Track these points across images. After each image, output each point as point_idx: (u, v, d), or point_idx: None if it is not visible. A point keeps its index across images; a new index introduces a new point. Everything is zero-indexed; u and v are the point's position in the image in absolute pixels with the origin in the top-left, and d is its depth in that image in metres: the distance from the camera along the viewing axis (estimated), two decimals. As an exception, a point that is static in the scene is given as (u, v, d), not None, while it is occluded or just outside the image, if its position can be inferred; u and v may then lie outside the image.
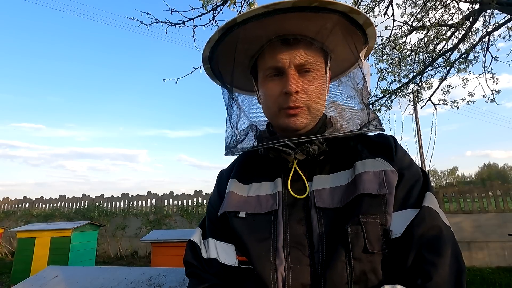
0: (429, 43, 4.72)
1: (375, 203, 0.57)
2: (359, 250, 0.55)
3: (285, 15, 0.58)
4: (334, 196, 0.61)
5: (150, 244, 5.02)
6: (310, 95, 0.63)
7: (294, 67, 0.63)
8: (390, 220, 0.58)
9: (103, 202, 10.31)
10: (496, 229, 6.99)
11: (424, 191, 0.61)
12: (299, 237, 0.59)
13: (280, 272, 0.57)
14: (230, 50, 0.68)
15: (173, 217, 9.22)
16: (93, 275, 1.22)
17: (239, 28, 0.62)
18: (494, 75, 4.24)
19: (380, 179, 0.59)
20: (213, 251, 0.68)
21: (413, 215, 0.57)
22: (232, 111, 0.75)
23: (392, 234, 0.57)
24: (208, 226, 0.73)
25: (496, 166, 68.76)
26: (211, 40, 0.66)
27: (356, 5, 3.89)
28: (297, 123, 0.63)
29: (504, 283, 5.26)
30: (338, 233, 0.57)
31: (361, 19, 0.62)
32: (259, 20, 0.60)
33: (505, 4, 3.48)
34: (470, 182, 52.36)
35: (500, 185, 7.61)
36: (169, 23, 2.86)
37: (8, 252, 9.12)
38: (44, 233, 5.43)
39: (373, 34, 0.66)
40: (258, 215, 0.64)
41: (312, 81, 0.64)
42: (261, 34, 0.64)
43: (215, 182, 0.80)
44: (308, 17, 0.60)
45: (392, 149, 0.65)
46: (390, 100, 5.13)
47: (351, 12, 0.60)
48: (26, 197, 11.18)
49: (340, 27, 0.63)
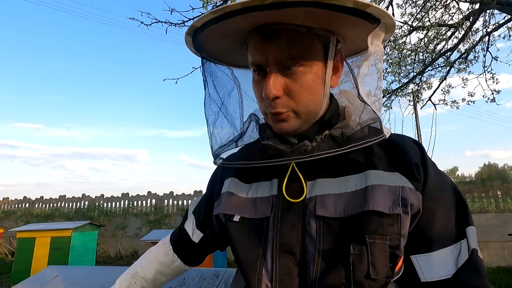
0: (429, 43, 4.72)
1: (386, 223, 0.50)
2: (361, 274, 0.48)
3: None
4: (338, 204, 0.53)
5: (150, 244, 5.02)
6: (295, 97, 0.55)
7: (274, 65, 0.54)
8: (404, 242, 0.52)
9: (103, 202, 10.31)
10: (496, 229, 6.98)
11: (465, 223, 0.54)
12: (290, 246, 0.53)
13: (265, 284, 0.53)
14: (213, 46, 0.63)
15: (173, 217, 9.21)
16: (93, 275, 1.22)
17: (205, 30, 0.56)
18: (494, 75, 4.25)
19: (396, 196, 0.52)
20: (190, 228, 0.79)
21: (457, 254, 0.52)
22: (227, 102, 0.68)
23: (430, 276, 0.53)
24: (197, 205, 0.81)
25: (496, 166, 68.74)
26: (187, 42, 0.62)
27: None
28: (283, 128, 0.57)
29: (504, 283, 5.26)
30: (338, 249, 0.51)
31: (348, 3, 0.48)
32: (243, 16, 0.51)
33: (505, 4, 3.48)
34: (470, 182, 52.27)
35: (500, 185, 7.60)
36: (169, 23, 2.87)
37: (8, 252, 9.12)
38: (44, 233, 5.43)
39: (377, 11, 0.51)
40: (252, 220, 0.59)
41: (298, 79, 0.54)
42: (239, 27, 0.55)
43: (213, 172, 0.79)
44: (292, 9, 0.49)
45: (414, 167, 0.55)
46: (390, 100, 5.13)
47: (327, 0, 0.47)
48: (26, 197, 11.18)
49: (325, 15, 0.51)
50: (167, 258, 0.80)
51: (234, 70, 0.73)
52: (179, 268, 0.81)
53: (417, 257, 0.55)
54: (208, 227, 0.76)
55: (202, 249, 0.80)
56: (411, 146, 0.59)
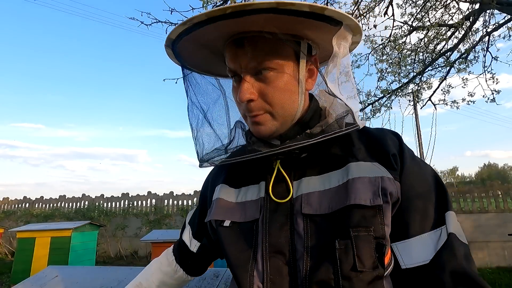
0: (429, 43, 4.72)
1: (368, 215, 0.52)
2: (347, 267, 0.49)
3: (218, 23, 0.52)
4: (323, 200, 0.55)
5: (150, 244, 5.03)
6: (270, 99, 0.57)
7: (247, 71, 0.57)
8: (388, 231, 0.53)
9: (103, 202, 10.31)
10: (496, 229, 6.99)
11: (443, 209, 0.55)
12: (280, 246, 0.55)
13: (256, 285, 0.54)
14: (193, 52, 0.64)
15: (173, 217, 9.21)
16: (93, 275, 1.22)
17: (182, 40, 0.58)
18: (494, 75, 4.25)
19: (376, 187, 0.53)
20: (187, 238, 0.80)
21: (436, 240, 0.53)
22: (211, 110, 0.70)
23: (410, 262, 0.53)
24: (192, 216, 0.82)
25: (496, 166, 68.76)
26: (168, 54, 0.64)
27: (356, 6, 3.89)
28: (261, 131, 0.58)
29: (504, 283, 5.26)
30: (325, 245, 0.52)
31: (304, 7, 0.50)
32: (197, 30, 0.54)
33: (505, 4, 3.49)
34: (470, 182, 52.33)
35: (500, 185, 7.61)
36: (169, 23, 2.87)
37: (8, 252, 9.12)
38: (44, 233, 5.43)
39: (336, 13, 0.53)
40: (243, 224, 0.60)
41: (271, 83, 0.56)
42: (213, 38, 0.59)
43: (204, 181, 0.80)
44: (255, 18, 0.51)
45: (391, 157, 0.57)
46: (390, 100, 5.13)
47: (283, 6, 0.49)
48: (26, 197, 11.19)
49: (288, 21, 0.53)
50: (170, 269, 0.80)
51: (219, 79, 0.75)
52: (181, 279, 0.81)
53: (397, 244, 0.55)
54: (204, 236, 0.78)
55: (201, 259, 0.80)
56: (389, 137, 0.61)
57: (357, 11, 3.93)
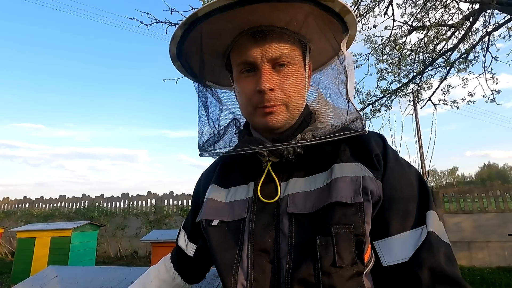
0: (429, 43, 4.72)
1: (349, 212, 0.53)
2: (327, 263, 0.50)
3: (251, 7, 0.53)
4: (307, 200, 0.56)
5: (150, 244, 5.02)
6: (287, 91, 0.59)
7: (267, 61, 0.58)
8: (368, 229, 0.54)
9: (103, 202, 10.31)
10: (496, 229, 6.98)
11: (424, 208, 0.56)
12: (264, 245, 0.56)
13: (240, 283, 0.55)
14: (199, 45, 0.63)
15: (173, 217, 9.21)
16: (93, 275, 1.22)
17: (203, 23, 0.56)
18: (494, 75, 4.25)
19: (357, 186, 0.54)
20: (181, 241, 0.81)
21: (416, 239, 0.53)
22: (206, 106, 0.71)
23: (390, 260, 0.54)
24: (186, 220, 0.84)
25: (496, 166, 68.77)
26: (175, 37, 0.60)
27: (356, 5, 3.89)
28: (274, 121, 0.59)
29: (504, 283, 5.26)
30: (308, 242, 0.53)
31: (337, 6, 0.55)
32: (224, 13, 0.54)
33: (505, 4, 3.49)
34: (470, 182, 52.37)
35: (500, 185, 7.60)
36: (169, 23, 2.87)
37: (8, 252, 9.11)
38: (44, 233, 5.43)
39: (353, 21, 0.59)
40: (230, 223, 0.61)
41: (288, 76, 0.59)
42: (230, 27, 0.59)
43: (196, 183, 0.80)
44: (279, 8, 0.55)
45: (374, 157, 0.58)
46: (390, 100, 5.13)
47: (325, 0, 0.54)
48: (26, 197, 11.18)
49: (315, 16, 0.57)
50: (168, 276, 0.80)
51: (207, 88, 0.75)
52: (179, 286, 0.81)
53: (379, 242, 0.56)
54: (200, 238, 0.78)
55: (199, 263, 0.80)
56: (374, 138, 0.62)
57: (357, 11, 3.93)
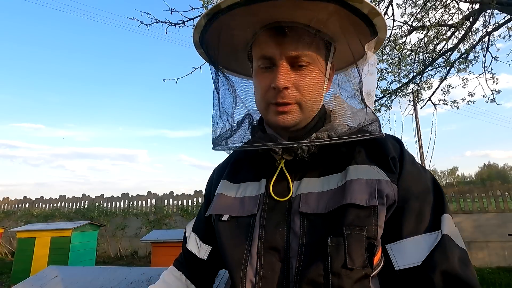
0: (429, 43, 4.71)
1: (363, 215, 0.52)
2: (338, 264, 0.50)
3: (274, 2, 0.52)
4: (320, 201, 0.56)
5: (150, 244, 5.02)
6: (303, 91, 0.58)
7: (286, 59, 0.57)
8: (381, 233, 0.54)
9: (103, 202, 10.31)
10: (496, 229, 6.99)
11: (439, 212, 0.55)
12: (275, 242, 0.55)
13: (249, 279, 0.54)
14: (221, 36, 0.64)
15: (173, 217, 9.21)
16: (93, 275, 1.22)
17: (225, 15, 0.56)
18: (494, 75, 4.25)
19: (372, 189, 0.53)
20: (192, 245, 0.74)
21: (431, 243, 0.52)
22: (222, 98, 0.70)
23: (403, 263, 0.53)
24: (196, 221, 0.78)
25: (496, 166, 68.74)
26: (198, 26, 0.61)
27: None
28: (286, 121, 0.59)
29: (504, 283, 5.26)
30: (319, 242, 0.52)
31: (365, 8, 0.54)
32: (247, 6, 0.53)
33: (505, 4, 3.48)
34: (470, 182, 52.33)
35: (500, 185, 7.60)
36: (169, 23, 2.87)
37: (8, 252, 9.12)
38: (44, 233, 5.43)
39: (382, 24, 0.57)
40: (240, 218, 0.61)
41: (306, 76, 0.58)
42: (252, 21, 0.58)
43: (208, 179, 0.79)
44: (303, 5, 0.54)
45: (390, 160, 0.57)
46: (390, 100, 5.13)
47: (352, 0, 0.53)
48: (26, 197, 11.18)
49: (341, 16, 0.56)
50: (181, 284, 0.73)
51: (230, 77, 0.76)
52: None
53: (391, 245, 0.55)
54: (215, 238, 0.73)
55: (212, 266, 0.75)
56: (391, 141, 0.62)
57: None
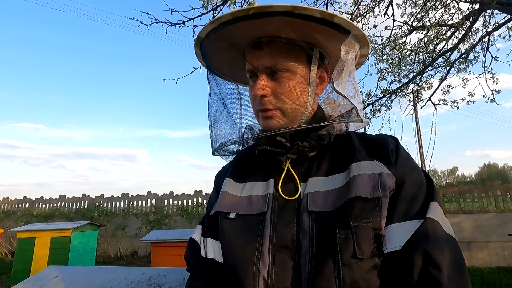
0: (429, 43, 4.71)
1: (368, 207, 0.55)
2: (348, 255, 0.52)
3: (236, 25, 0.60)
4: (328, 199, 0.59)
5: (150, 244, 5.03)
6: (282, 98, 0.63)
7: (264, 70, 0.63)
8: (384, 223, 0.55)
9: (103, 202, 10.32)
10: (496, 229, 6.99)
11: (428, 200, 0.57)
12: (286, 241, 0.58)
13: (262, 276, 0.56)
14: (219, 56, 0.72)
15: (173, 217, 9.22)
16: (93, 275, 1.22)
17: (207, 41, 0.66)
18: (494, 75, 4.25)
19: (375, 182, 0.57)
20: (211, 251, 0.68)
21: (415, 227, 0.54)
22: (226, 106, 0.77)
23: (390, 247, 0.54)
24: (207, 225, 0.72)
25: (496, 166, 68.80)
26: (196, 54, 0.72)
27: (356, 6, 3.88)
28: (269, 125, 0.64)
29: (504, 283, 5.27)
30: (328, 237, 0.55)
31: (315, 13, 0.57)
32: (220, 32, 0.63)
33: (505, 4, 3.49)
34: (470, 182, 52.36)
35: (500, 185, 7.61)
36: (169, 23, 2.86)
37: (8, 252, 9.12)
38: (44, 233, 5.43)
39: (346, 22, 0.60)
40: (248, 217, 0.62)
41: (283, 83, 0.63)
42: (235, 42, 0.67)
43: (214, 180, 0.80)
44: (259, 23, 0.59)
45: (390, 152, 0.62)
46: (390, 100, 5.12)
47: (297, 10, 0.56)
48: (26, 197, 11.20)
49: (300, 24, 0.59)
50: None
51: (238, 85, 0.82)
52: None
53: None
54: None
55: None
56: (388, 138, 0.66)
57: (357, 11, 3.93)
